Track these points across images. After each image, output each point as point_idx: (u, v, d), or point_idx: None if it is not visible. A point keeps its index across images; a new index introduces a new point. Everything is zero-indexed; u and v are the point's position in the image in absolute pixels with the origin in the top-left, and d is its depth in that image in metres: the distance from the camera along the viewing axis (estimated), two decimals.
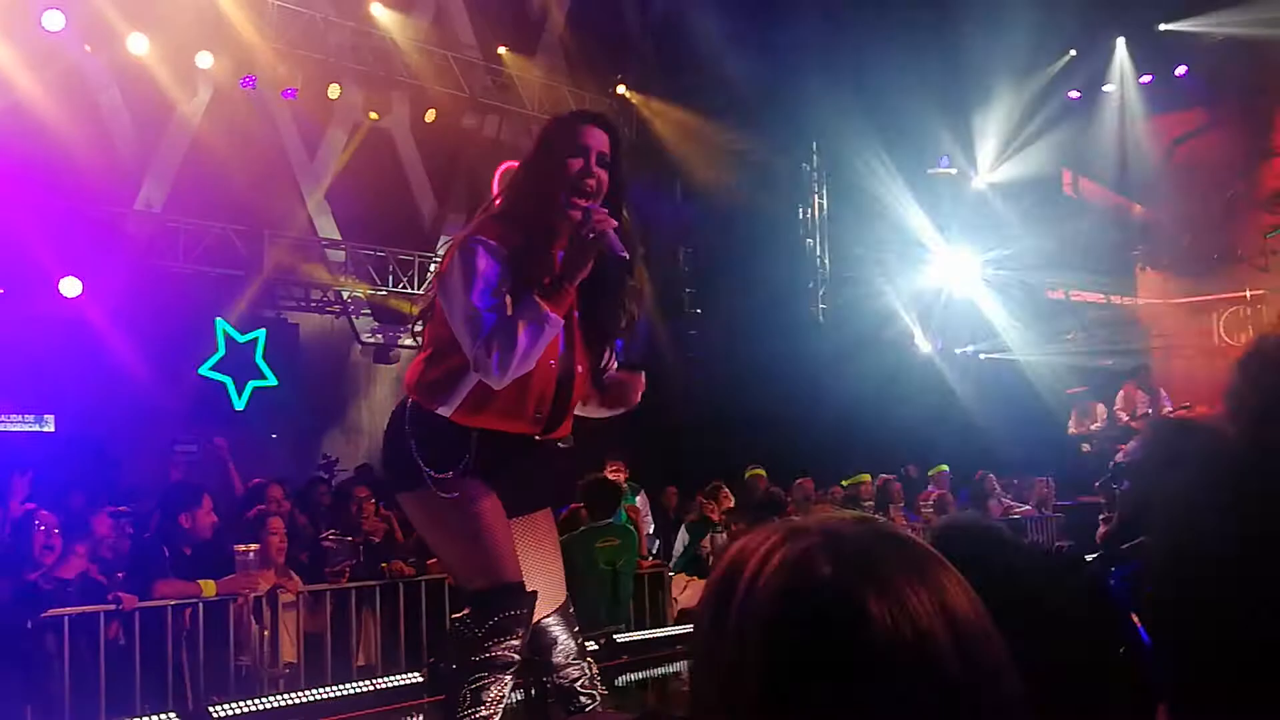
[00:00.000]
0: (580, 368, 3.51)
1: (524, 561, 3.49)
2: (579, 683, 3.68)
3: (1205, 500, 1.18)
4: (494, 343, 3.21)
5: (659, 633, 8.06)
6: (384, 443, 3.58)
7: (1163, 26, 16.18)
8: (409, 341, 14.96)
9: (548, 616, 3.64)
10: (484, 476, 3.42)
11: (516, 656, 3.41)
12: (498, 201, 3.54)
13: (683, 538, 9.73)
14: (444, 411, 3.41)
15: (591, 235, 3.28)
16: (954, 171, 17.43)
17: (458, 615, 3.48)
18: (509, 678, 3.42)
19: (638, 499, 10.28)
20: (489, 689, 3.37)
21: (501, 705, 3.41)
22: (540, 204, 3.39)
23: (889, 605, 0.95)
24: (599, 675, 3.78)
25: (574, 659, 3.69)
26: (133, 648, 6.27)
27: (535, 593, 3.47)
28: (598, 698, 3.70)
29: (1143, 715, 1.36)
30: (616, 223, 3.32)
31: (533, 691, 3.69)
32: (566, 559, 3.85)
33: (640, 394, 3.67)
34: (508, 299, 3.29)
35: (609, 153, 3.43)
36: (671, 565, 9.46)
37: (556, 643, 3.66)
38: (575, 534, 7.45)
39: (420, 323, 3.61)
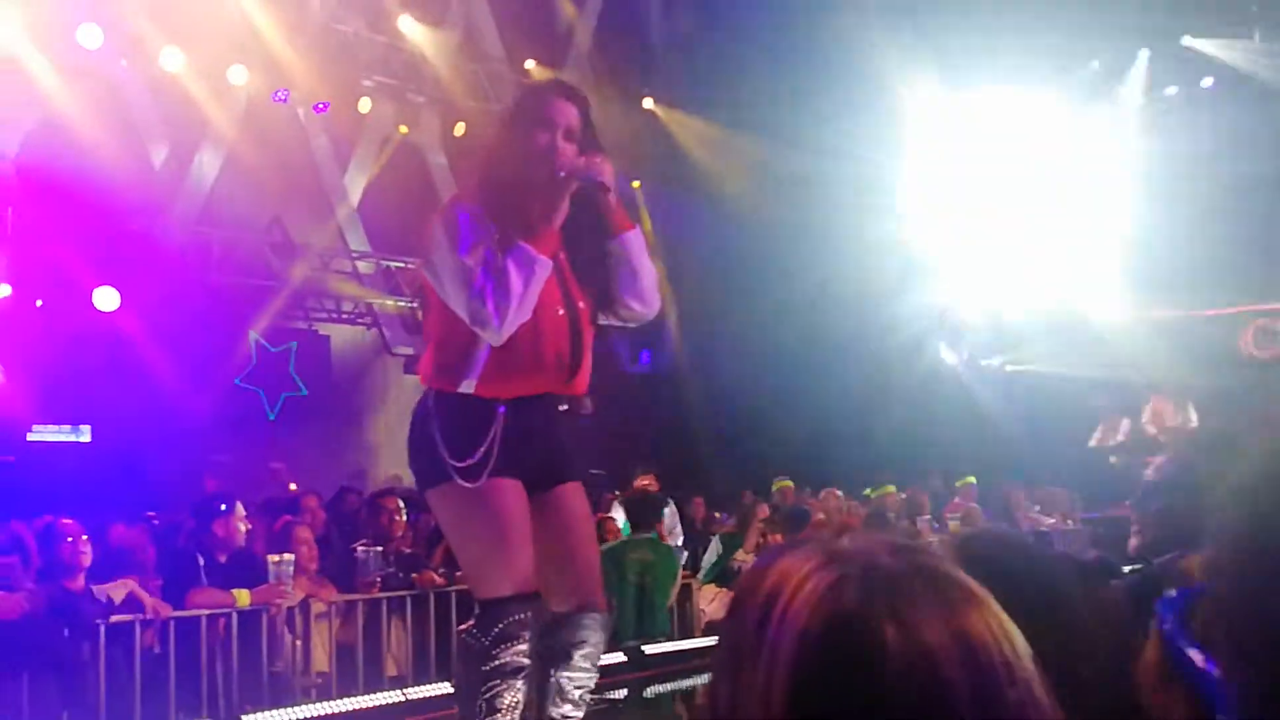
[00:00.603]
0: (581, 304, 3.52)
1: (549, 548, 3.48)
2: (581, 692, 3.57)
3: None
4: (488, 292, 3.24)
5: (687, 645, 8.08)
6: (409, 440, 3.55)
7: (1185, 41, 16.15)
8: None
9: (586, 614, 3.56)
10: (511, 456, 3.39)
11: (526, 660, 3.40)
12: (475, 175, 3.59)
13: (715, 548, 9.73)
14: (467, 388, 3.40)
15: (563, 174, 3.35)
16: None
17: (464, 626, 3.48)
18: (520, 683, 3.41)
19: (666, 511, 10.32)
20: (502, 696, 3.37)
21: (517, 711, 3.41)
22: (510, 176, 3.43)
23: (905, 637, 0.95)
24: (591, 689, 3.65)
25: (590, 664, 3.59)
26: (167, 656, 6.36)
27: (538, 594, 3.43)
28: (583, 712, 3.60)
29: None
30: (584, 157, 3.37)
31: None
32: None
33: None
34: (496, 251, 3.30)
35: (578, 127, 3.46)
36: (700, 576, 9.47)
37: (585, 643, 3.56)
38: (610, 546, 7.51)
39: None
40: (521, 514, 3.43)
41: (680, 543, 10.38)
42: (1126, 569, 3.01)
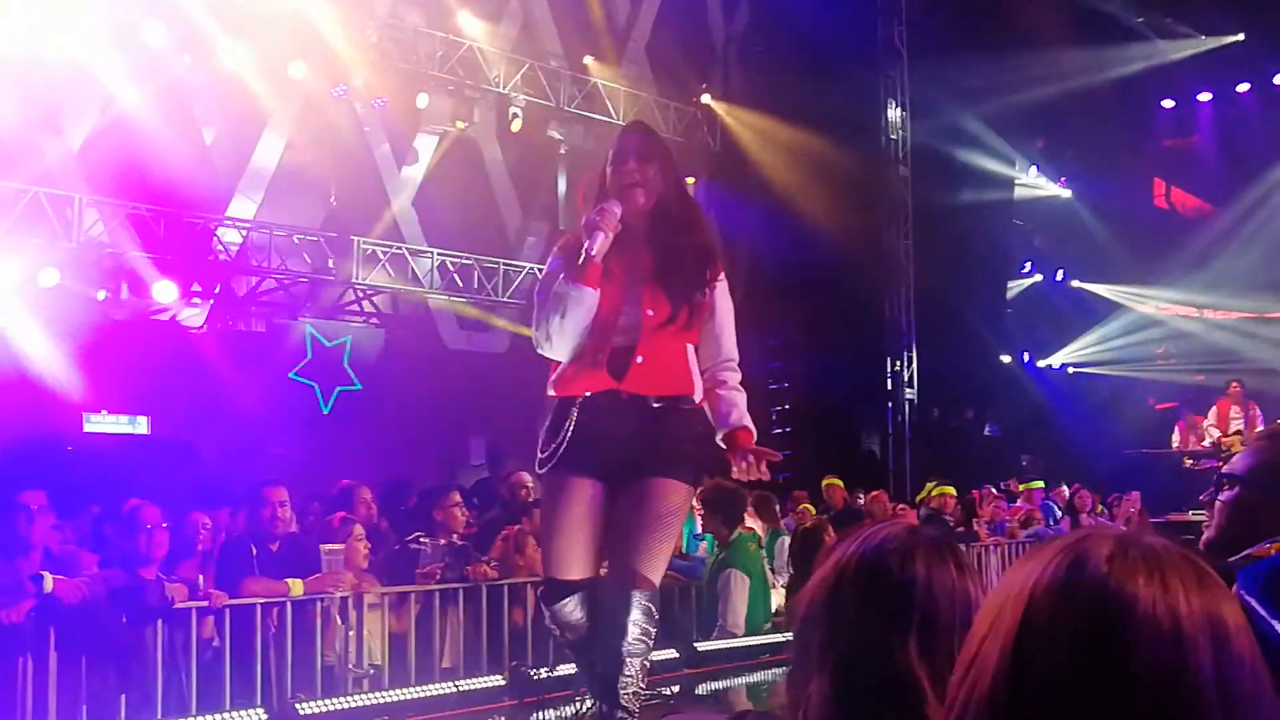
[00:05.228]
0: (650, 311, 3.76)
1: (610, 531, 3.75)
2: (624, 691, 3.63)
3: None
4: (536, 321, 3.78)
5: (738, 642, 7.99)
6: None
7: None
8: (493, 347, 15.10)
9: (618, 588, 3.68)
10: (583, 451, 3.74)
11: (573, 636, 3.76)
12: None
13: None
14: (553, 392, 3.87)
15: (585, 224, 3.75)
16: (1039, 278, 17.50)
17: None
18: (574, 655, 3.70)
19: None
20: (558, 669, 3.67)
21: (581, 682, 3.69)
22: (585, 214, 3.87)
23: (1158, 600, 0.96)
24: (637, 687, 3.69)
25: (624, 648, 3.67)
26: (222, 644, 6.39)
27: (575, 580, 3.74)
28: (636, 711, 3.64)
29: None
30: (607, 225, 3.71)
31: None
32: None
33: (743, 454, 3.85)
34: (554, 284, 3.79)
35: (641, 148, 3.86)
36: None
37: (623, 617, 3.67)
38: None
39: None
40: (577, 509, 3.75)
41: None
42: None
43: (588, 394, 3.78)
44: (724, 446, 3.89)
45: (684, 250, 3.87)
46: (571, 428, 3.75)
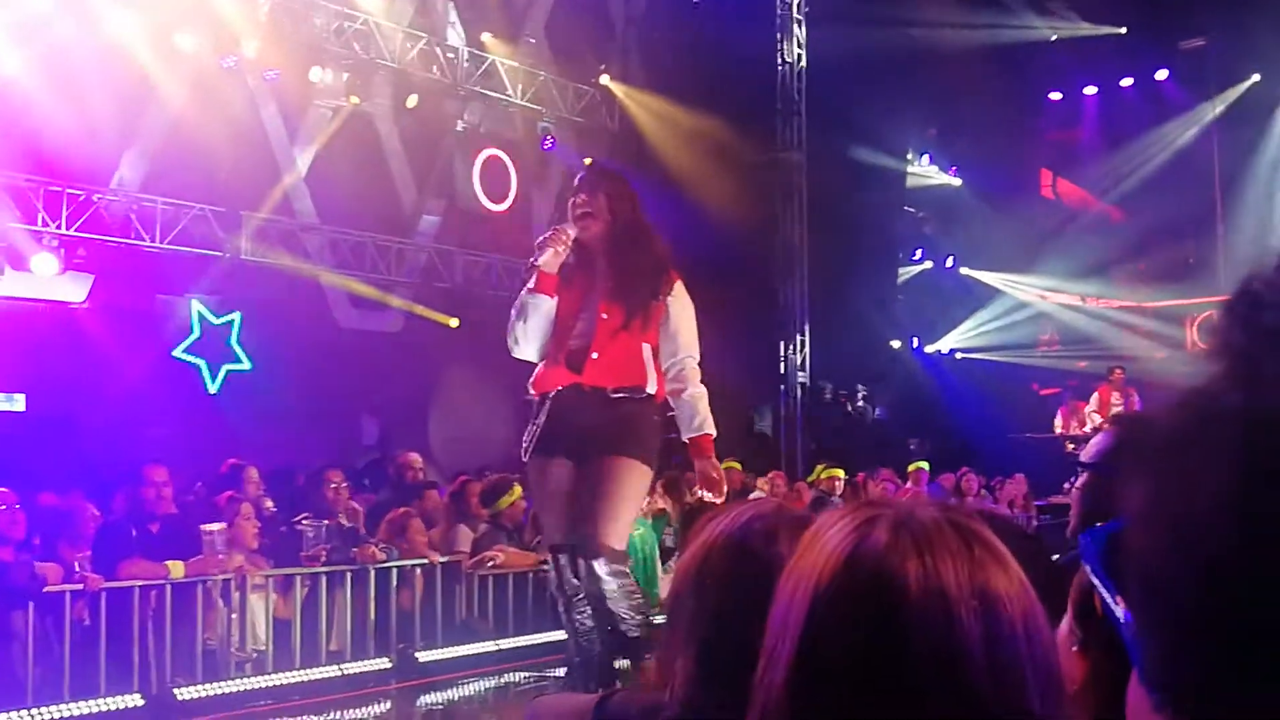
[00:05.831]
0: (605, 315, 4.44)
1: (573, 510, 4.39)
2: (632, 621, 4.33)
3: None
4: (509, 329, 4.49)
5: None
6: None
7: None
8: (386, 326, 14.92)
9: (570, 548, 4.38)
10: (554, 438, 4.41)
11: (558, 594, 4.49)
12: None
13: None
14: (531, 391, 4.56)
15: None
16: (929, 265, 17.80)
17: None
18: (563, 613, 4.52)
19: None
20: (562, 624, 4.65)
21: (577, 635, 4.45)
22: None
23: (926, 578, 0.98)
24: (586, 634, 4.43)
25: (570, 606, 4.47)
26: (98, 628, 6.23)
27: (557, 545, 4.44)
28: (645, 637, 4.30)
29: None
30: (555, 242, 4.43)
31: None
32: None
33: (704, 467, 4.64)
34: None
35: (590, 181, 4.61)
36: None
37: (558, 578, 4.49)
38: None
39: None
40: (551, 487, 4.46)
41: None
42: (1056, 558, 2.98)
43: (556, 389, 4.44)
44: (689, 448, 4.66)
45: (638, 264, 4.47)
46: (543, 419, 4.43)
